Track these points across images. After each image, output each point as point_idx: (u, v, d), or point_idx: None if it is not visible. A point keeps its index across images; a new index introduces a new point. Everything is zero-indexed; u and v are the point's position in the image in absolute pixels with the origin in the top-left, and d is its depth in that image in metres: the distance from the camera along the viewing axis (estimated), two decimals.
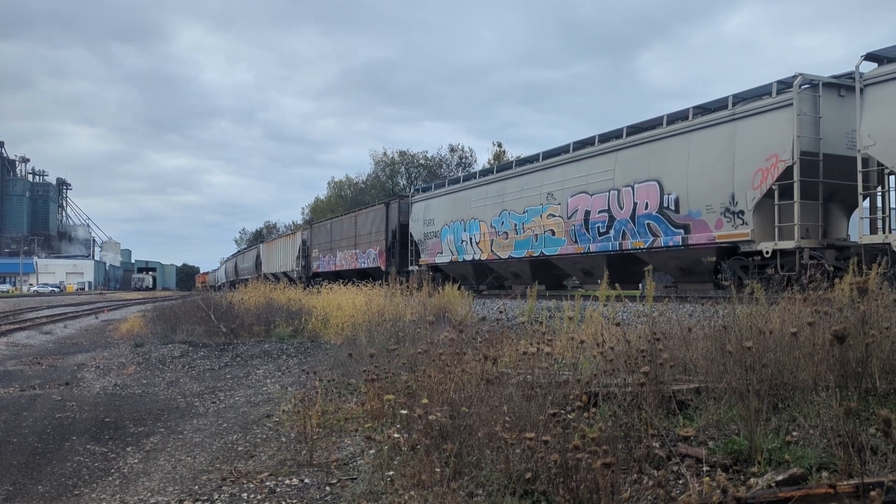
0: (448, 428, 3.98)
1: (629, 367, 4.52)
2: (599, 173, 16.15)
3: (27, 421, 7.07)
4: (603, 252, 15.90)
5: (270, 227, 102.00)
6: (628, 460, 3.62)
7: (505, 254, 19.68)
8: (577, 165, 17.02)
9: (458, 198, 22.80)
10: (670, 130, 14.46)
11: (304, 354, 11.24)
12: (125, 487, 4.91)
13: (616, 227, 15.53)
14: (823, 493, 2.74)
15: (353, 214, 31.49)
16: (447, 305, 12.98)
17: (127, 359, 12.01)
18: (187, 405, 7.92)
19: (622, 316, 8.35)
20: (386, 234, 26.79)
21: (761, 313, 5.16)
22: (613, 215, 15.60)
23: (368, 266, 27.78)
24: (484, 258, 20.81)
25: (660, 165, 14.50)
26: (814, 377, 4.13)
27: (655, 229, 14.51)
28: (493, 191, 20.71)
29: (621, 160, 15.58)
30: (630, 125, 15.78)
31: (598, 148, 16.49)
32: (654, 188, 14.55)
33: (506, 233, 19.65)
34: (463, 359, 4.88)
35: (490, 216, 20.55)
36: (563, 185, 17.35)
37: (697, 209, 13.60)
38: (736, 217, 12.76)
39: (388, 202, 28.00)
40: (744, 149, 12.71)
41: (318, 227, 36.95)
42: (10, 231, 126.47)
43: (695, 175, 13.70)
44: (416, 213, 25.37)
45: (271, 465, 5.08)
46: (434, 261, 23.77)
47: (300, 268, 37.74)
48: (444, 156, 64.56)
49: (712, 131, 13.47)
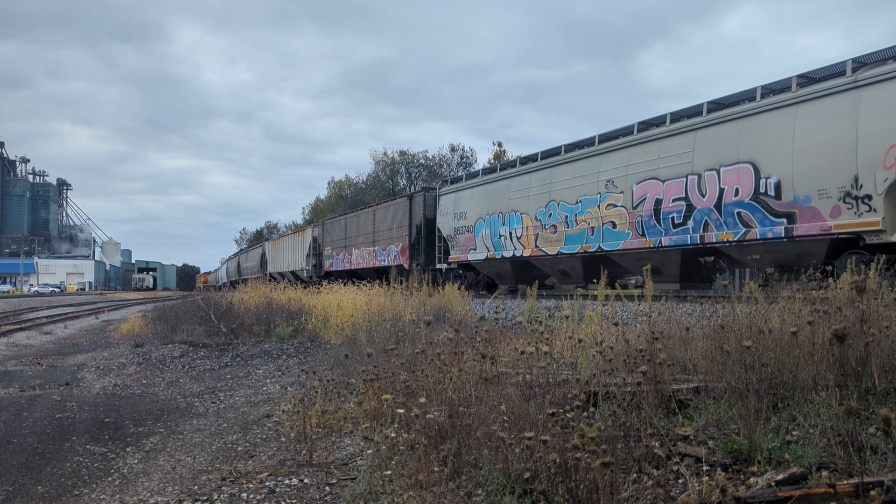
0: (446, 427, 3.97)
1: (628, 367, 4.51)
2: (674, 156, 14.09)
3: (27, 421, 7.07)
4: (678, 246, 13.91)
5: (271, 227, 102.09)
6: (628, 460, 3.62)
7: (553, 249, 17.57)
8: (645, 148, 14.86)
9: (494, 188, 20.63)
10: (769, 104, 12.40)
11: (304, 354, 11.24)
12: (125, 487, 4.91)
13: (696, 217, 13.49)
14: (823, 492, 2.74)
15: (370, 209, 29.61)
16: (447, 305, 12.98)
17: (127, 359, 12.01)
18: (187, 405, 7.92)
19: (621, 315, 8.34)
20: (409, 230, 24.74)
21: (761, 312, 5.15)
22: (693, 204, 13.55)
23: (389, 264, 25.72)
24: (526, 254, 18.69)
25: (754, 145, 12.53)
26: (813, 376, 4.12)
27: (748, 219, 12.52)
28: (538, 180, 18.46)
29: (702, 141, 13.54)
30: (711, 101, 13.78)
31: (672, 128, 14.33)
32: (747, 171, 12.61)
33: (554, 226, 17.58)
34: (461, 358, 4.87)
35: (534, 208, 18.42)
36: (627, 170, 15.22)
37: (806, 194, 11.65)
38: (860, 203, 10.89)
39: (412, 195, 25.80)
40: (872, 121, 10.79)
41: (331, 223, 34.80)
42: (10, 231, 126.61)
43: (802, 155, 11.73)
44: (445, 206, 23.14)
45: (271, 465, 5.08)
46: (466, 258, 21.64)
47: (310, 267, 35.83)
48: (444, 155, 64.59)
49: (827, 103, 11.51)
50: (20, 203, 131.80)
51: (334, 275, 30.55)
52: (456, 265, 22.37)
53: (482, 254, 20.82)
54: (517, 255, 19.14)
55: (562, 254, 17.32)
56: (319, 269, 34.83)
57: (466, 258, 21.66)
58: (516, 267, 19.80)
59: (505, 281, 20.31)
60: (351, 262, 30.47)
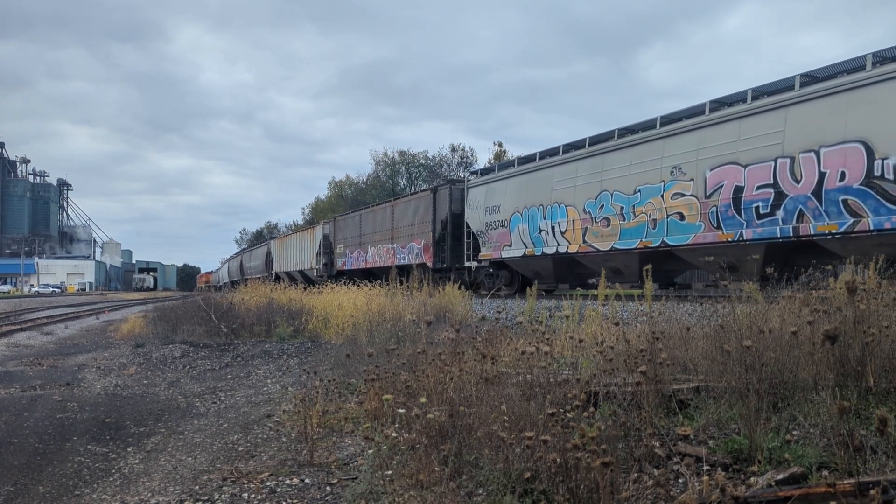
0: (447, 427, 3.98)
1: (629, 367, 4.52)
2: (758, 137, 12.53)
3: (28, 422, 7.08)
4: (765, 239, 12.32)
5: (271, 227, 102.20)
6: (628, 459, 3.62)
7: (605, 244, 15.89)
8: (721, 129, 13.34)
9: (533, 179, 18.81)
10: (883, 73, 10.81)
11: (304, 354, 11.25)
12: (126, 488, 4.92)
13: (787, 206, 11.89)
14: (823, 492, 2.74)
15: (388, 204, 28.02)
16: (447, 305, 12.99)
17: (128, 359, 12.02)
18: (188, 405, 7.92)
19: (622, 315, 8.35)
20: (433, 226, 23.16)
21: (761, 312, 5.16)
22: (784, 191, 11.96)
23: (410, 262, 24.19)
24: (573, 250, 16.95)
25: (867, 121, 10.94)
26: (814, 376, 4.13)
27: (857, 207, 10.96)
28: (587, 168, 16.75)
29: (796, 118, 11.95)
30: (805, 73, 12.24)
31: (755, 105, 12.77)
32: (857, 152, 11.03)
33: (606, 218, 15.86)
34: (462, 358, 4.88)
35: (582, 199, 16.71)
36: (698, 155, 13.69)
37: None
38: None
39: (436, 188, 24.19)
40: None
41: (344, 219, 33.01)
42: (10, 232, 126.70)
43: None
44: (475, 199, 21.41)
45: (272, 465, 5.09)
46: (500, 255, 19.86)
47: (321, 265, 34.06)
48: (444, 155, 64.67)
49: None
50: (20, 203, 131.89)
51: (347, 274, 29.01)
52: (487, 263, 20.82)
53: (518, 250, 19.08)
54: (561, 251, 17.38)
55: (616, 249, 15.60)
56: (331, 268, 33.36)
57: (500, 255, 19.92)
58: (558, 264, 18.10)
59: (543, 280, 18.63)
60: (366, 261, 28.83)
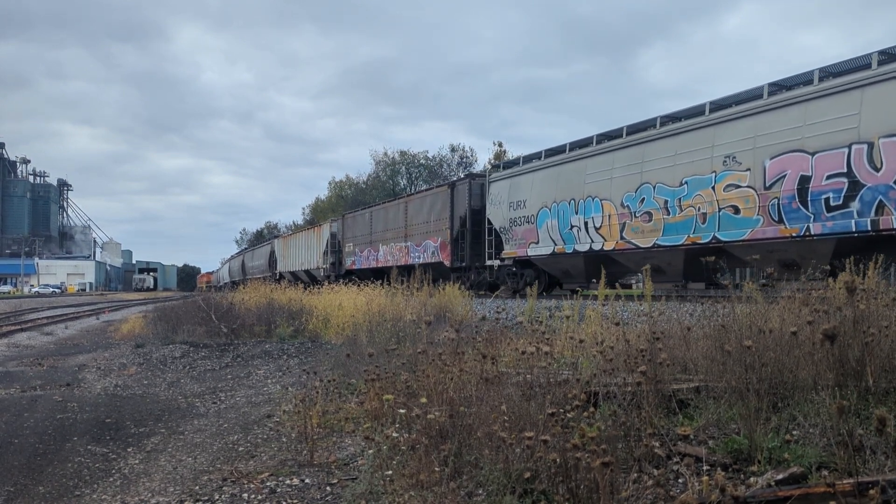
0: (447, 427, 3.98)
1: (629, 367, 4.52)
2: (828, 122, 11.39)
3: (28, 422, 7.08)
4: (834, 234, 11.20)
5: (271, 226, 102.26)
6: (628, 459, 3.63)
7: (647, 241, 14.62)
8: (782, 114, 12.13)
9: (563, 171, 17.53)
10: None
11: (304, 354, 11.25)
12: (126, 488, 4.92)
13: (863, 197, 10.78)
14: (822, 491, 2.75)
15: (402, 200, 27.00)
16: (447, 305, 12.99)
17: (128, 359, 12.02)
18: (188, 405, 7.93)
19: (622, 315, 8.35)
20: (451, 222, 21.99)
21: (761, 312, 5.16)
22: (860, 180, 10.81)
23: (426, 261, 23.11)
24: (608, 247, 15.70)
25: None
26: (813, 376, 4.13)
27: None
28: (624, 158, 15.43)
29: (874, 99, 10.81)
30: (882, 50, 11.00)
31: (824, 87, 11.53)
32: None
33: (648, 213, 14.65)
34: (462, 358, 4.88)
35: (620, 192, 15.43)
36: (756, 142, 12.50)
37: None
38: None
39: (455, 183, 23.01)
40: None
41: (353, 217, 31.62)
42: (11, 232, 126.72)
43: None
44: (498, 194, 20.21)
45: (272, 466, 5.09)
46: (525, 253, 18.58)
47: (328, 265, 32.84)
48: (444, 155, 64.72)
49: None
50: (21, 204, 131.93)
51: (357, 274, 28.08)
52: (511, 261, 19.62)
53: (547, 248, 17.83)
54: (595, 248, 16.15)
55: (658, 246, 14.41)
56: (339, 268, 32.15)
57: (526, 253, 18.63)
58: (589, 263, 16.81)
59: (573, 279, 17.66)
60: (378, 260, 27.56)
